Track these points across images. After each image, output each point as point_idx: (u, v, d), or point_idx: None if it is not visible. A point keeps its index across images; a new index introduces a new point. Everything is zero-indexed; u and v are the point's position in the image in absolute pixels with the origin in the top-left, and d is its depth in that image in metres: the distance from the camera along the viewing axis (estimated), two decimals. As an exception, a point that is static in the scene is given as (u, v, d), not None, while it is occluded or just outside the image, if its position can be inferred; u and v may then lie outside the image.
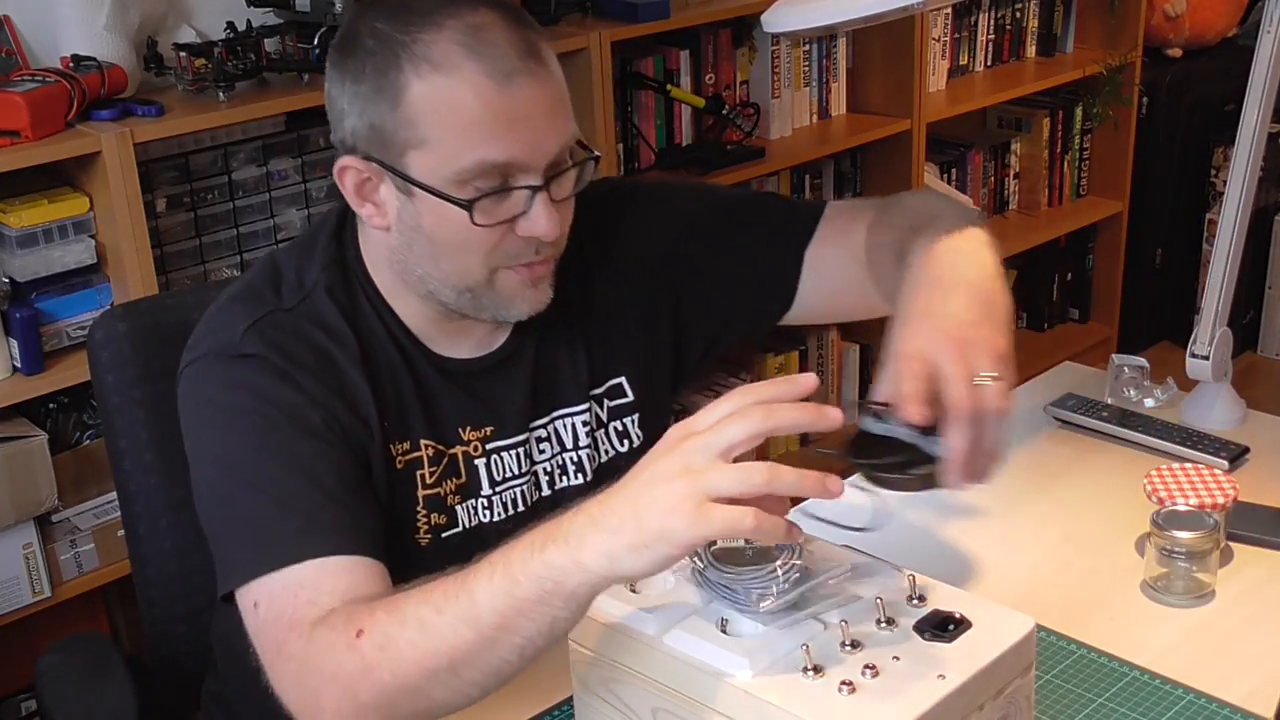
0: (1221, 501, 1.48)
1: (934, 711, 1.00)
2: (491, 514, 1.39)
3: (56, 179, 2.18)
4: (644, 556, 0.97)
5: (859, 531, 1.11)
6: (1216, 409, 1.80)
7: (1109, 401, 1.85)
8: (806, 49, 3.21)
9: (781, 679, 1.02)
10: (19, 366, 2.14)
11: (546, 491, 1.43)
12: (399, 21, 1.25)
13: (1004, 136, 3.80)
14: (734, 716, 1.03)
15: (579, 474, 1.45)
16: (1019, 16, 3.70)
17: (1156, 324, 4.01)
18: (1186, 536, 1.42)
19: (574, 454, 1.45)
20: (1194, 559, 1.43)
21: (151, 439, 1.55)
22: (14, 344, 2.12)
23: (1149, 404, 1.85)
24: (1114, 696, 1.30)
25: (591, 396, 1.46)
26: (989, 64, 3.67)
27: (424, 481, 1.36)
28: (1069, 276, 3.98)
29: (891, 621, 1.07)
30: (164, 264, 2.29)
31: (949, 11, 3.47)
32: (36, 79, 2.12)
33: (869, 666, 1.02)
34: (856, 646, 1.05)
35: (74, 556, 2.25)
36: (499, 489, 1.40)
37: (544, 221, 1.26)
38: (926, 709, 0.99)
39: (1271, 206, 3.88)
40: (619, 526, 0.98)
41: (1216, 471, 1.55)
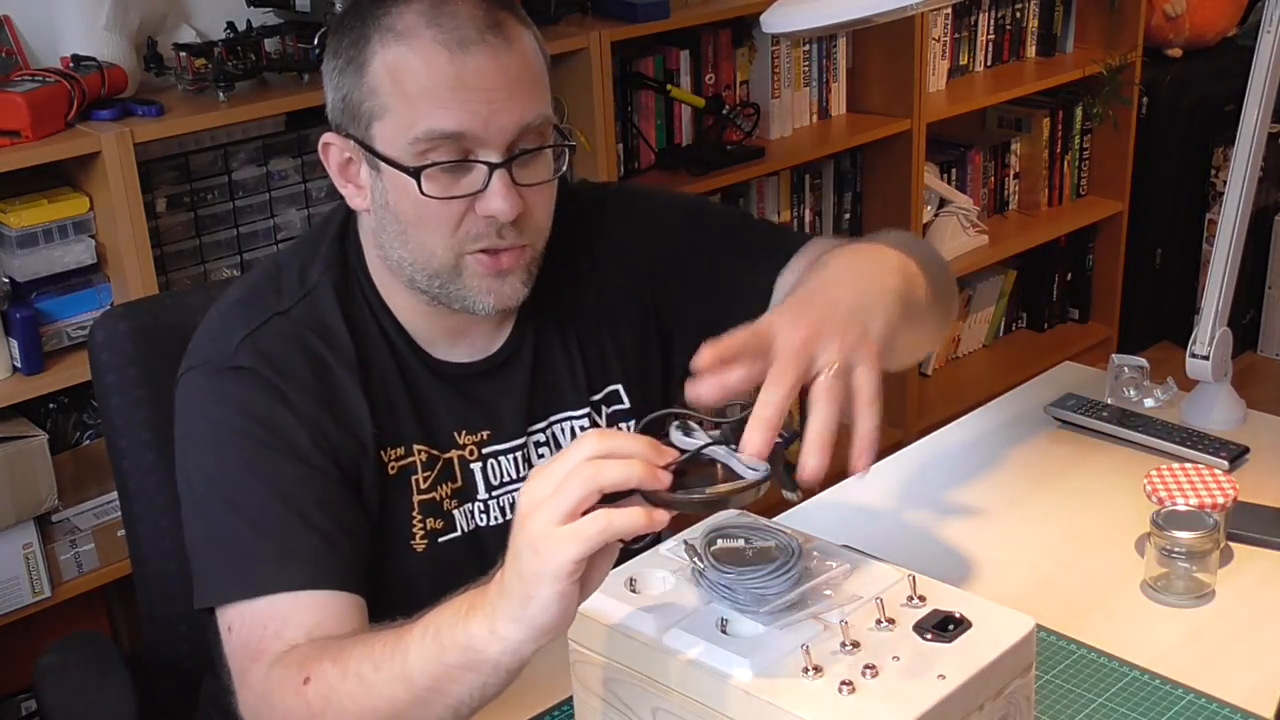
0: (1221, 501, 1.48)
1: (934, 711, 1.00)
2: (489, 518, 1.39)
3: (56, 179, 2.18)
4: (539, 601, 0.96)
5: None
6: (1216, 409, 1.80)
7: (1109, 401, 1.86)
8: (806, 49, 3.21)
9: (781, 679, 1.02)
10: (19, 366, 2.14)
11: None
12: (388, 4, 1.26)
13: (1004, 136, 3.80)
14: (734, 716, 1.03)
15: None
16: (1019, 16, 3.70)
17: (1156, 324, 4.01)
18: (1186, 536, 1.42)
19: None
20: (1194, 559, 1.43)
21: (152, 439, 1.55)
22: (14, 344, 2.12)
23: (1149, 404, 1.85)
24: (1114, 696, 1.30)
25: (591, 402, 1.45)
26: (989, 64, 3.67)
27: (418, 487, 1.36)
28: (1069, 276, 3.98)
29: (891, 621, 1.07)
30: (164, 264, 2.29)
31: (949, 11, 3.47)
32: (36, 79, 2.12)
33: (869, 667, 1.02)
34: (856, 646, 1.05)
35: (74, 556, 2.25)
36: (496, 493, 1.40)
37: (499, 200, 1.24)
38: (926, 709, 0.99)
39: (1271, 206, 3.88)
40: (512, 582, 0.98)
41: (1216, 471, 1.55)
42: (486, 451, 1.39)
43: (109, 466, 1.58)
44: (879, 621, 1.07)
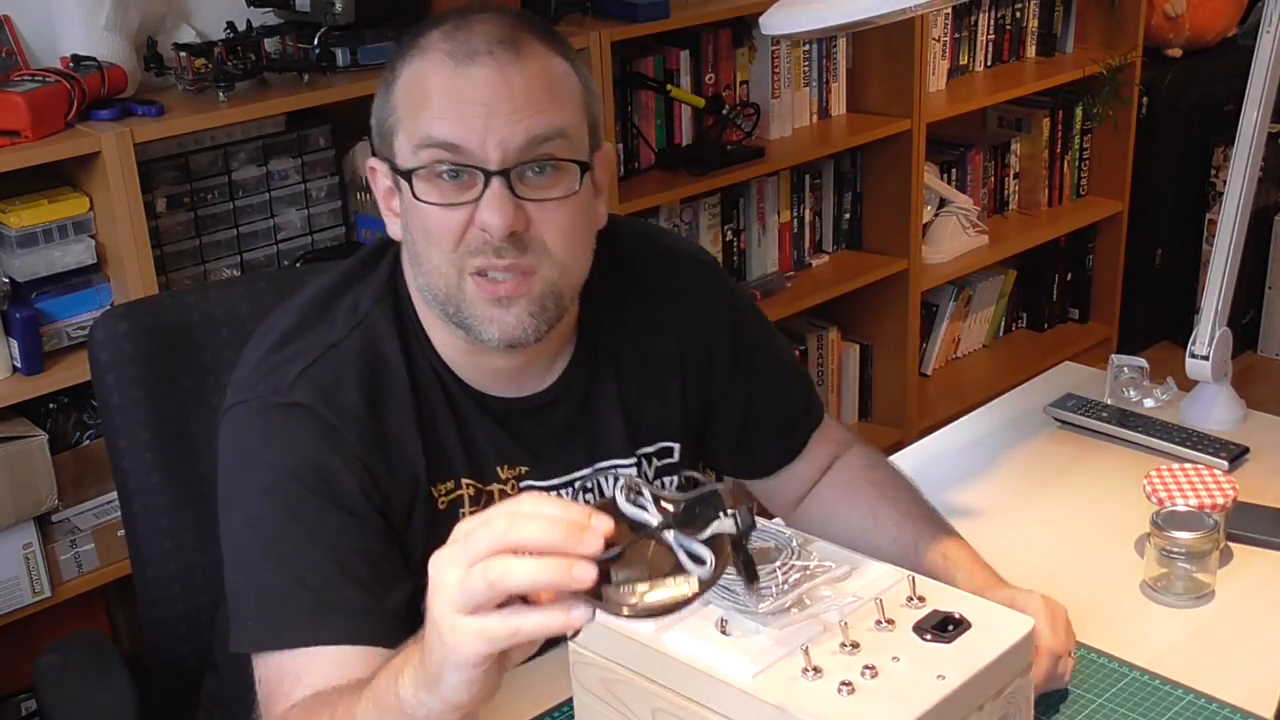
0: (1221, 502, 1.48)
1: (933, 712, 1.00)
2: None
3: (56, 179, 2.18)
4: (449, 683, 0.93)
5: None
6: (1216, 409, 1.81)
7: (1109, 402, 1.86)
8: (806, 49, 3.21)
9: (781, 679, 1.02)
10: (19, 366, 2.14)
11: None
12: (424, 24, 1.26)
13: (1004, 136, 3.80)
14: (734, 717, 1.03)
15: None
16: (1019, 16, 3.70)
17: (1156, 324, 4.01)
18: (1186, 537, 1.43)
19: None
20: (1194, 559, 1.43)
21: (152, 439, 1.55)
22: (14, 344, 2.12)
23: (1149, 404, 1.85)
24: (1114, 696, 1.30)
25: (640, 454, 1.43)
26: (989, 64, 3.66)
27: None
28: (1069, 276, 3.98)
29: (891, 622, 1.07)
30: (164, 264, 2.29)
31: (949, 11, 3.47)
32: (36, 79, 2.12)
33: (868, 667, 1.03)
34: (856, 647, 1.05)
35: (74, 556, 2.25)
36: None
37: (488, 211, 1.20)
38: (926, 709, 0.99)
39: (1271, 206, 3.88)
40: (426, 654, 0.95)
41: (1216, 472, 1.55)
42: (524, 485, 1.36)
43: (109, 466, 1.58)
44: (879, 622, 1.07)
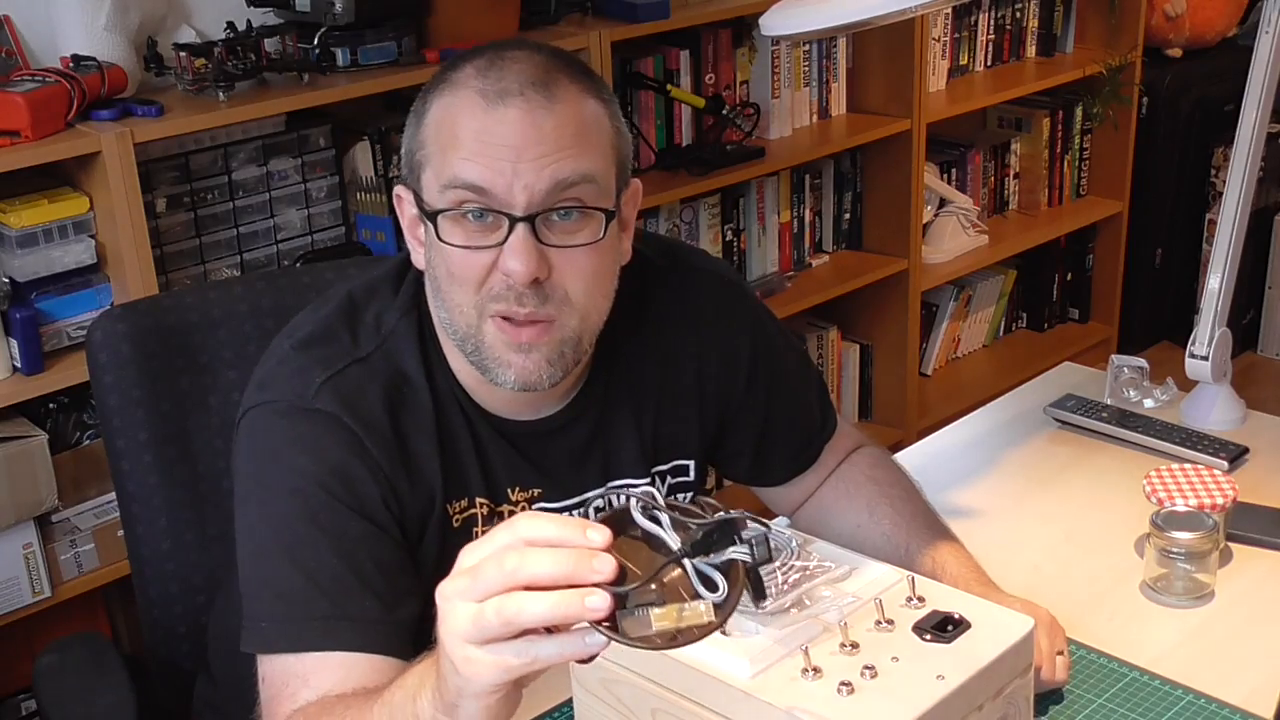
0: (1221, 502, 1.48)
1: (933, 712, 1.00)
2: None
3: (56, 179, 2.18)
4: (467, 710, 0.94)
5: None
6: (1216, 409, 1.81)
7: (1109, 402, 1.86)
8: (806, 49, 3.21)
9: (781, 679, 1.02)
10: (19, 366, 2.14)
11: None
12: (459, 56, 1.25)
13: (1004, 136, 3.80)
14: (733, 717, 1.03)
15: None
16: (1019, 16, 3.70)
17: (1156, 324, 4.01)
18: (1186, 537, 1.43)
19: None
20: (1193, 559, 1.43)
21: (151, 439, 1.55)
22: (14, 344, 2.12)
23: (1148, 404, 1.85)
24: (1114, 697, 1.30)
25: (655, 473, 1.43)
26: (989, 64, 3.66)
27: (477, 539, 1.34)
28: (1069, 276, 3.98)
29: (890, 622, 1.07)
30: (164, 264, 2.29)
31: (949, 11, 3.47)
32: (36, 79, 2.12)
33: (868, 667, 1.03)
34: (856, 647, 1.05)
35: (74, 556, 2.25)
36: None
37: (513, 257, 1.18)
38: (925, 709, 1.00)
39: (1271, 206, 3.88)
40: (442, 681, 0.95)
41: (1216, 472, 1.55)
42: (536, 509, 1.36)
43: (109, 466, 1.58)
44: (878, 622, 1.07)
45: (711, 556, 0.90)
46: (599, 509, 0.91)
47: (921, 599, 1.10)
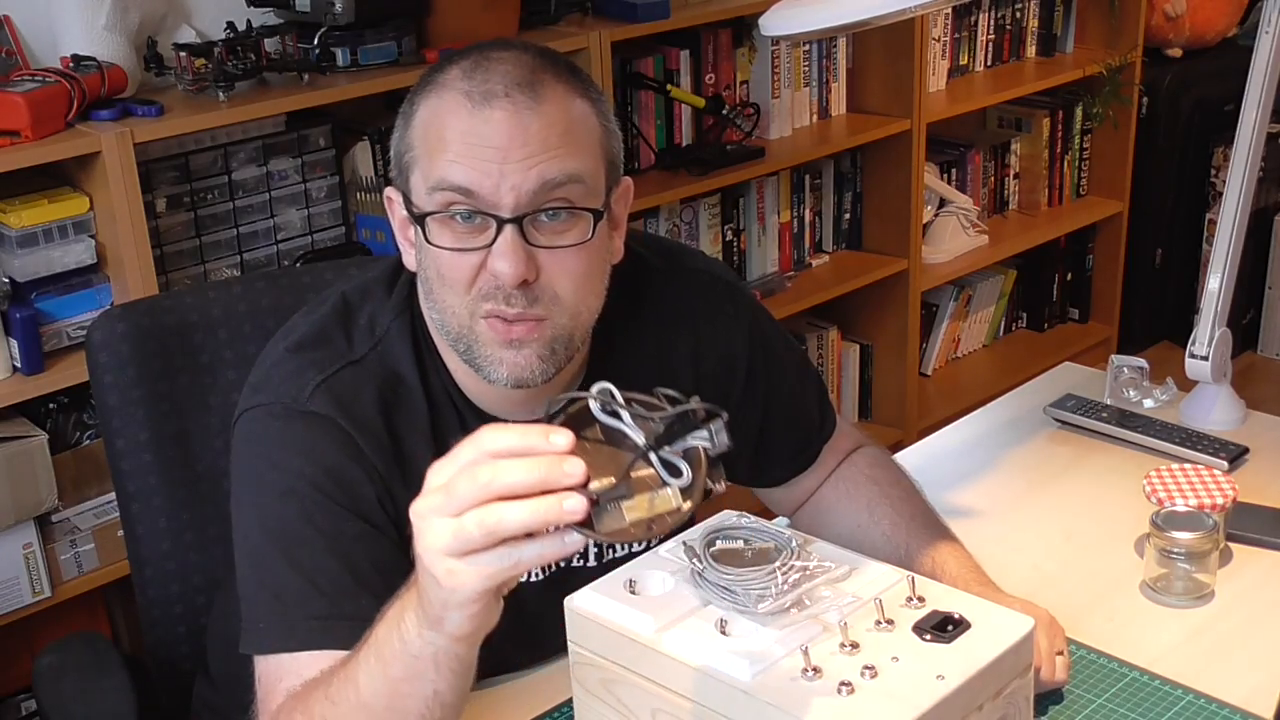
0: (1221, 502, 1.48)
1: (933, 712, 1.00)
2: (530, 575, 1.36)
3: (56, 179, 2.18)
4: (452, 621, 0.96)
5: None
6: (1216, 409, 1.81)
7: (1108, 402, 1.86)
8: (806, 49, 3.21)
9: (780, 680, 1.02)
10: (19, 366, 2.14)
11: (593, 563, 1.40)
12: (445, 59, 1.25)
13: (1004, 136, 3.80)
14: (733, 717, 1.03)
15: (625, 545, 1.41)
16: (1019, 16, 3.70)
17: (1156, 324, 4.01)
18: (1186, 537, 1.43)
19: None
20: (1193, 559, 1.43)
21: (149, 439, 1.55)
22: (14, 344, 2.12)
23: (1148, 404, 1.85)
24: (1114, 697, 1.30)
25: None
26: (989, 64, 3.66)
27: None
28: (1069, 276, 3.98)
29: (890, 622, 1.07)
30: (164, 264, 2.29)
31: (949, 11, 3.47)
32: (36, 79, 2.12)
33: (868, 667, 1.03)
34: (855, 647, 1.05)
35: (74, 556, 2.25)
36: None
37: (501, 258, 1.18)
38: (925, 709, 0.99)
39: (1271, 206, 3.88)
40: (424, 597, 0.98)
41: (1216, 472, 1.55)
42: None
43: (109, 466, 1.58)
44: (878, 622, 1.07)
45: (674, 445, 0.93)
46: (556, 410, 0.95)
47: (921, 599, 1.10)
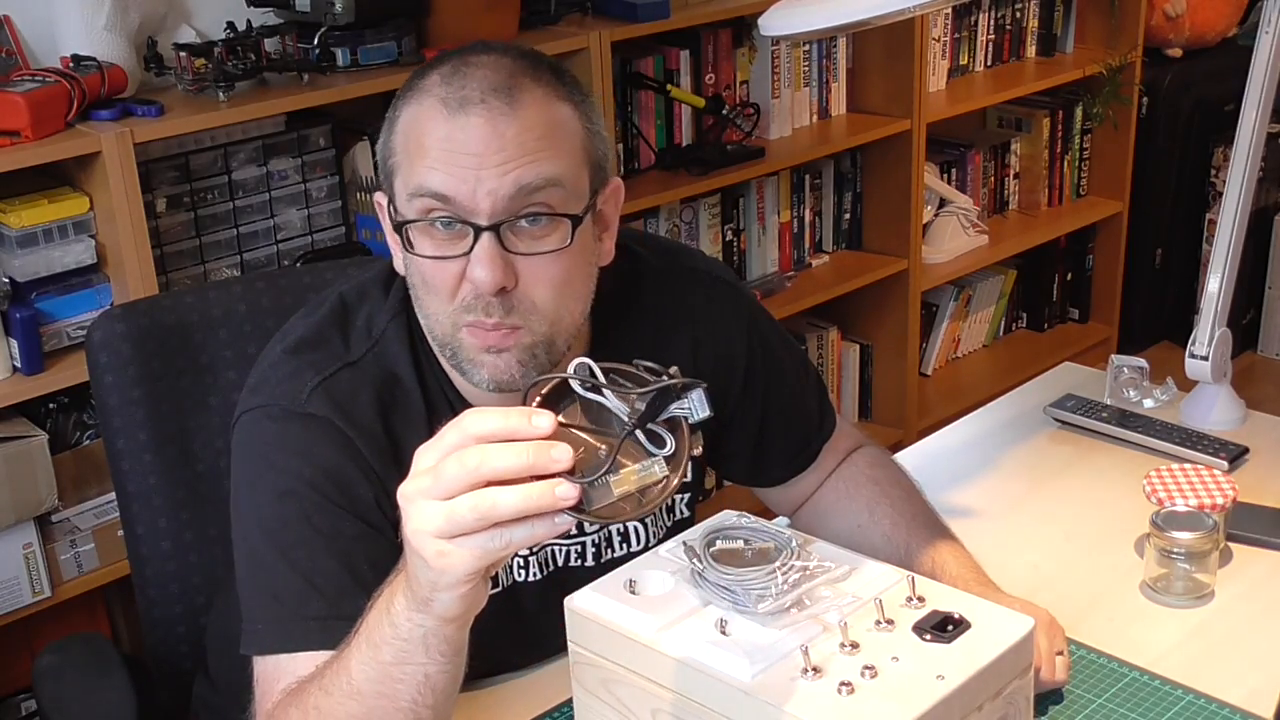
0: (1221, 502, 1.48)
1: (933, 712, 1.00)
2: (528, 574, 1.37)
3: (56, 179, 2.18)
4: (441, 602, 0.97)
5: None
6: (1216, 409, 1.81)
7: (1108, 402, 1.86)
8: (806, 49, 3.21)
9: (780, 680, 1.02)
10: (19, 366, 2.14)
11: (591, 563, 1.40)
12: (427, 63, 1.25)
13: (1004, 136, 3.80)
14: (733, 717, 1.03)
15: (624, 545, 1.42)
16: (1019, 16, 3.70)
17: (1156, 324, 4.01)
18: (1186, 537, 1.43)
19: (620, 526, 1.42)
20: (1193, 559, 1.43)
21: (150, 439, 1.55)
22: (14, 344, 2.12)
23: (1148, 404, 1.85)
24: (1114, 697, 1.30)
25: None
26: (989, 64, 3.66)
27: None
28: (1069, 276, 3.98)
29: (890, 622, 1.07)
30: (164, 264, 2.29)
31: (949, 11, 3.47)
32: (36, 79, 2.12)
33: (868, 667, 1.03)
34: (855, 647, 1.05)
35: (74, 556, 2.25)
36: (535, 550, 1.38)
37: (479, 266, 1.18)
38: (925, 709, 0.99)
39: (1271, 206, 3.88)
40: (413, 579, 0.99)
41: (1216, 472, 1.55)
42: None
43: (109, 466, 1.58)
44: (878, 622, 1.07)
45: (656, 418, 0.94)
46: (537, 384, 0.96)
47: (921, 599, 1.10)
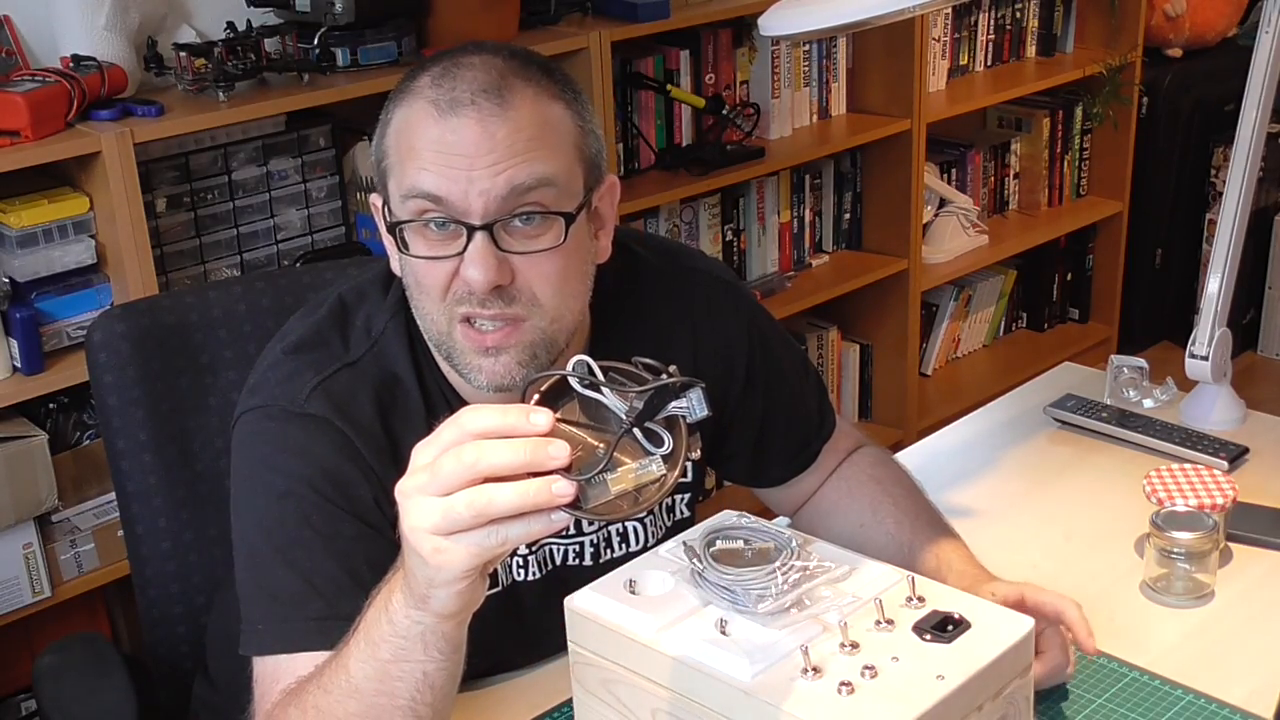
0: (1221, 502, 1.48)
1: (933, 712, 1.00)
2: (527, 573, 1.37)
3: (56, 179, 2.18)
4: (438, 599, 0.98)
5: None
6: (1216, 409, 1.81)
7: (1108, 402, 1.86)
8: (806, 49, 3.21)
9: (780, 680, 1.02)
10: (19, 366, 2.14)
11: (590, 563, 1.40)
12: (419, 65, 1.25)
13: (1004, 136, 3.80)
14: (733, 717, 1.03)
15: (623, 545, 1.42)
16: (1019, 16, 3.70)
17: (1156, 324, 4.01)
18: (1186, 537, 1.43)
19: (619, 526, 1.42)
20: (1193, 559, 1.43)
21: (149, 439, 1.55)
22: (14, 344, 2.12)
23: (1148, 404, 1.85)
24: (1114, 697, 1.30)
25: None
26: (989, 64, 3.66)
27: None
28: (1069, 276, 3.98)
29: (890, 622, 1.07)
30: (164, 264, 2.29)
31: (949, 11, 3.47)
32: (36, 79, 2.12)
33: (868, 667, 1.03)
34: (855, 647, 1.05)
35: (74, 556, 2.25)
36: (535, 549, 1.38)
37: (472, 265, 1.18)
38: (925, 709, 0.99)
39: (1271, 206, 3.88)
40: (410, 576, 0.99)
41: (1216, 472, 1.55)
42: None
43: (109, 466, 1.58)
44: (878, 622, 1.07)
45: (654, 416, 0.94)
46: (536, 381, 0.96)
47: (921, 599, 1.10)
